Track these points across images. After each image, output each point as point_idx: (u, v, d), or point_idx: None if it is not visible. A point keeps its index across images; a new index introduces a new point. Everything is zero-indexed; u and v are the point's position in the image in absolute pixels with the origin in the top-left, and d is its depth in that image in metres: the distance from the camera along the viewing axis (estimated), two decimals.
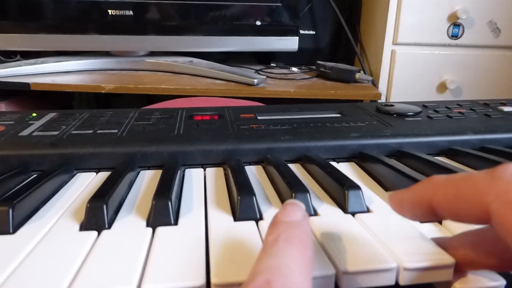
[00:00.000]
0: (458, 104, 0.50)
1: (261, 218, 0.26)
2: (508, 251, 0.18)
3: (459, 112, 0.46)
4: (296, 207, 0.20)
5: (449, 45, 0.92)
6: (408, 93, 0.94)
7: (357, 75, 0.91)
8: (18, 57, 0.99)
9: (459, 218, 0.18)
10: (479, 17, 0.89)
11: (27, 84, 0.81)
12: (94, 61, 0.94)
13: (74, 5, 0.88)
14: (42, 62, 0.89)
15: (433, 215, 0.19)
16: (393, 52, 0.92)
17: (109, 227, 0.25)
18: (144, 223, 0.25)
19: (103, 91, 0.81)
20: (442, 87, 0.94)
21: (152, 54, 1.00)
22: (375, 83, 0.95)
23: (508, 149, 0.37)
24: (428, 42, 0.91)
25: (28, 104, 0.93)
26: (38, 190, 0.28)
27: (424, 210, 0.19)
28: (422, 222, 0.24)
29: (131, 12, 0.90)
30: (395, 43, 0.92)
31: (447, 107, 0.48)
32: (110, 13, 0.89)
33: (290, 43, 0.95)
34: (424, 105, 0.49)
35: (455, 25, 0.90)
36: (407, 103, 0.50)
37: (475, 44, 0.91)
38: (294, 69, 1.05)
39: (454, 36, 0.91)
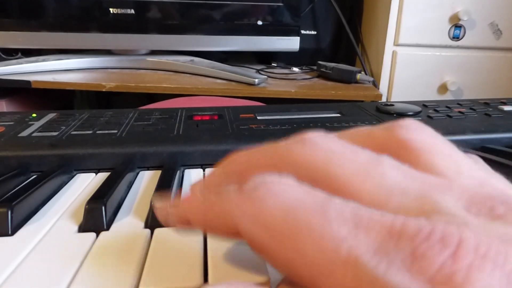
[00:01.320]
0: (458, 104, 0.50)
1: None
2: None
3: (459, 112, 0.46)
4: None
5: (451, 47, 0.92)
6: (409, 94, 0.94)
7: (358, 76, 0.91)
8: (19, 55, 0.99)
9: (216, 234, 0.17)
10: (480, 18, 0.89)
11: (28, 82, 0.81)
12: (95, 59, 0.94)
13: (76, 3, 0.88)
14: (43, 60, 0.89)
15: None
16: (394, 53, 0.92)
17: (108, 228, 0.25)
18: (143, 224, 0.25)
19: (104, 90, 0.81)
20: (443, 88, 0.94)
21: (153, 53, 1.00)
22: (376, 84, 0.95)
23: (508, 148, 0.37)
24: (429, 43, 0.91)
25: (29, 102, 0.93)
26: (37, 191, 0.28)
27: (187, 225, 0.18)
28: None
29: (132, 11, 0.90)
30: (396, 44, 0.92)
31: (447, 107, 0.48)
32: (111, 12, 0.89)
33: (291, 43, 0.95)
34: (424, 105, 0.49)
35: (457, 27, 0.90)
36: (407, 102, 0.50)
37: (476, 45, 0.91)
38: (295, 69, 1.05)
39: (456, 38, 0.91)
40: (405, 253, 0.10)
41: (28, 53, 1.00)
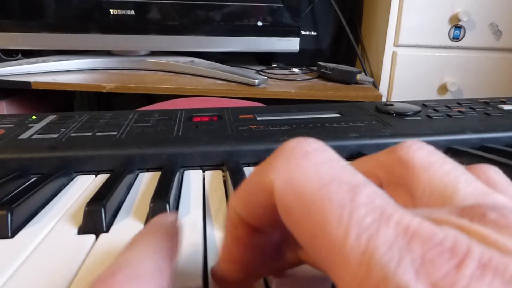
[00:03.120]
0: (457, 103, 0.50)
1: None
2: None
3: (459, 111, 0.46)
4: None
5: (450, 47, 0.92)
6: (409, 95, 0.94)
7: (358, 77, 0.91)
8: (20, 56, 0.99)
9: (256, 218, 0.15)
10: (480, 19, 0.89)
11: (28, 83, 0.81)
12: (95, 60, 0.94)
13: (76, 4, 0.88)
14: (43, 61, 0.89)
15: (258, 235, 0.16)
16: (394, 54, 0.92)
17: (107, 230, 0.25)
18: (142, 226, 0.25)
19: (104, 91, 0.81)
20: (443, 89, 0.94)
21: (153, 53, 1.00)
22: (376, 85, 0.95)
23: (508, 148, 0.37)
24: (429, 44, 0.91)
25: (29, 103, 0.93)
26: (37, 193, 0.28)
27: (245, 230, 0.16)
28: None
29: (132, 12, 0.90)
30: (396, 44, 0.92)
31: (446, 106, 0.48)
32: (111, 13, 0.89)
33: (291, 44, 0.95)
34: (424, 104, 0.49)
35: (457, 27, 0.90)
36: (406, 102, 0.50)
37: (476, 46, 0.91)
38: (295, 70, 1.05)
39: (455, 38, 0.91)
40: (415, 254, 0.11)
41: (28, 54, 1.00)
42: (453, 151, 0.38)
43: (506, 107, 0.48)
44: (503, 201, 0.14)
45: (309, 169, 0.13)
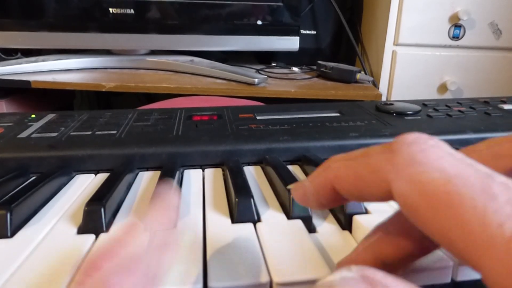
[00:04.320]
0: (458, 103, 0.50)
1: (259, 220, 0.26)
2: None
3: (459, 111, 0.46)
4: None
5: (450, 46, 0.92)
6: (409, 94, 0.94)
7: (358, 76, 0.91)
8: (19, 55, 0.99)
9: (363, 199, 0.17)
10: (480, 18, 0.89)
11: (28, 82, 0.81)
12: (95, 59, 0.94)
13: (76, 3, 0.88)
14: (43, 60, 0.89)
15: (339, 200, 0.18)
16: (394, 53, 0.92)
17: (107, 230, 0.25)
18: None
19: (103, 90, 0.81)
20: (443, 88, 0.94)
21: (153, 52, 1.00)
22: (375, 84, 0.95)
23: None
24: (429, 43, 0.91)
25: (28, 102, 0.93)
26: (37, 193, 0.28)
27: (329, 196, 0.18)
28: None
29: (132, 11, 0.90)
30: (396, 43, 0.92)
31: (447, 106, 0.48)
32: (111, 12, 0.89)
33: (291, 43, 0.94)
34: (424, 104, 0.49)
35: (456, 26, 0.90)
36: (406, 101, 0.50)
37: (476, 45, 0.91)
38: (295, 69, 1.05)
39: (455, 37, 0.91)
40: None
41: (28, 53, 1.00)
42: None
43: (506, 106, 0.48)
44: None
45: (429, 166, 0.13)
